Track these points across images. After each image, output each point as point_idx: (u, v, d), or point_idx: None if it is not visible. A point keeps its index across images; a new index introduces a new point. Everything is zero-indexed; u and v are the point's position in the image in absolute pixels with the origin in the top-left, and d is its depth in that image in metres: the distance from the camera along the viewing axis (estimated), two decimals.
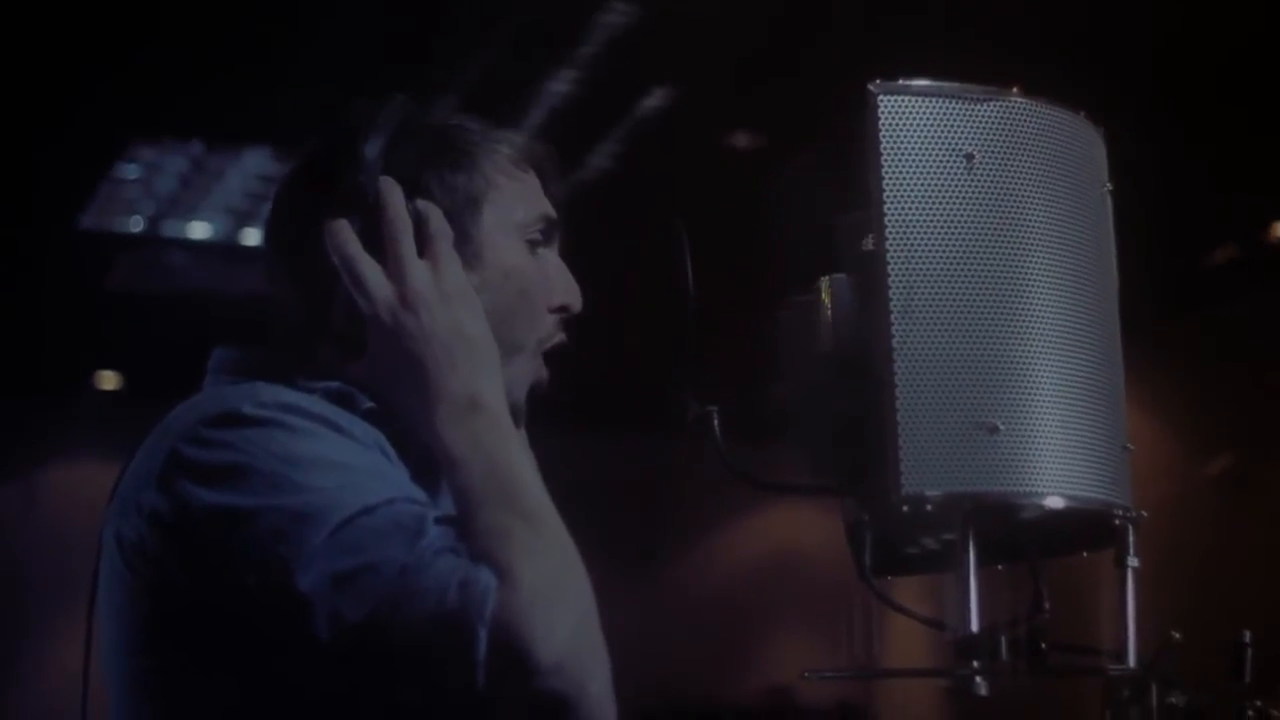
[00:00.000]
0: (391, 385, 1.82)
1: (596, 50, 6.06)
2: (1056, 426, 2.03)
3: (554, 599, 1.63)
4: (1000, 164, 2.07)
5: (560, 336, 2.03)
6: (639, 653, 10.93)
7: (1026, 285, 2.05)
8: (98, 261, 8.20)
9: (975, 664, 2.03)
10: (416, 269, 1.84)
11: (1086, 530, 2.15)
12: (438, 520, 1.67)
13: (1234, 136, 6.76)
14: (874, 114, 2.06)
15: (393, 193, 1.87)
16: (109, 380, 10.89)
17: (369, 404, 1.84)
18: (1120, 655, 2.09)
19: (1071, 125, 2.16)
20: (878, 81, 2.08)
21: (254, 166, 7.30)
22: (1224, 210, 7.66)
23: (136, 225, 7.95)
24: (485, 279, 1.92)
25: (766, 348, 2.23)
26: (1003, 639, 2.06)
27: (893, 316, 2.02)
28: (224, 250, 7.99)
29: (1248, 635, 2.10)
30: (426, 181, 1.91)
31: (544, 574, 1.64)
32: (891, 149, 2.06)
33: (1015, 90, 2.12)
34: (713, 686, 11.42)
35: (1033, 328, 2.04)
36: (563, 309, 2.03)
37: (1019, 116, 2.10)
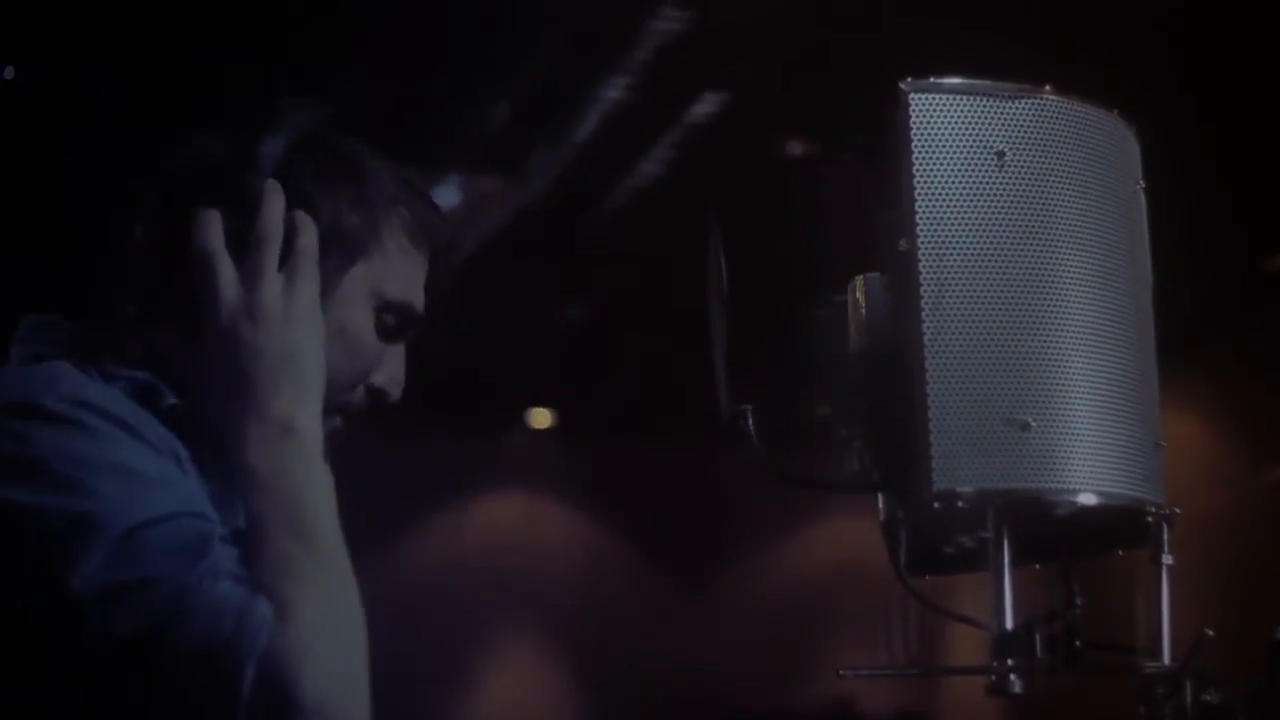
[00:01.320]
0: (211, 389, 1.78)
1: (648, 56, 6.08)
2: (1088, 423, 2.03)
3: (328, 639, 1.61)
4: (1032, 161, 2.07)
5: (363, 405, 1.97)
6: (702, 662, 10.89)
7: (1058, 282, 2.05)
8: None
9: (1010, 662, 2.03)
10: (270, 281, 1.79)
11: (1121, 528, 2.14)
12: (223, 539, 1.65)
13: None
14: (905, 112, 2.07)
15: (274, 198, 1.82)
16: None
17: (172, 401, 1.80)
18: (1155, 653, 2.09)
19: (1104, 122, 2.15)
20: (909, 80, 2.08)
21: None
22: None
23: None
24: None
25: (803, 348, 2.24)
26: (1038, 637, 2.05)
27: (924, 313, 2.02)
28: None
29: None
30: (318, 201, 1.86)
31: (322, 613, 1.62)
32: (923, 147, 2.06)
33: (1047, 88, 2.12)
34: (775, 696, 11.40)
35: (1064, 324, 2.04)
36: (379, 392, 1.97)
37: (1051, 114, 2.10)
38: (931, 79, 2.09)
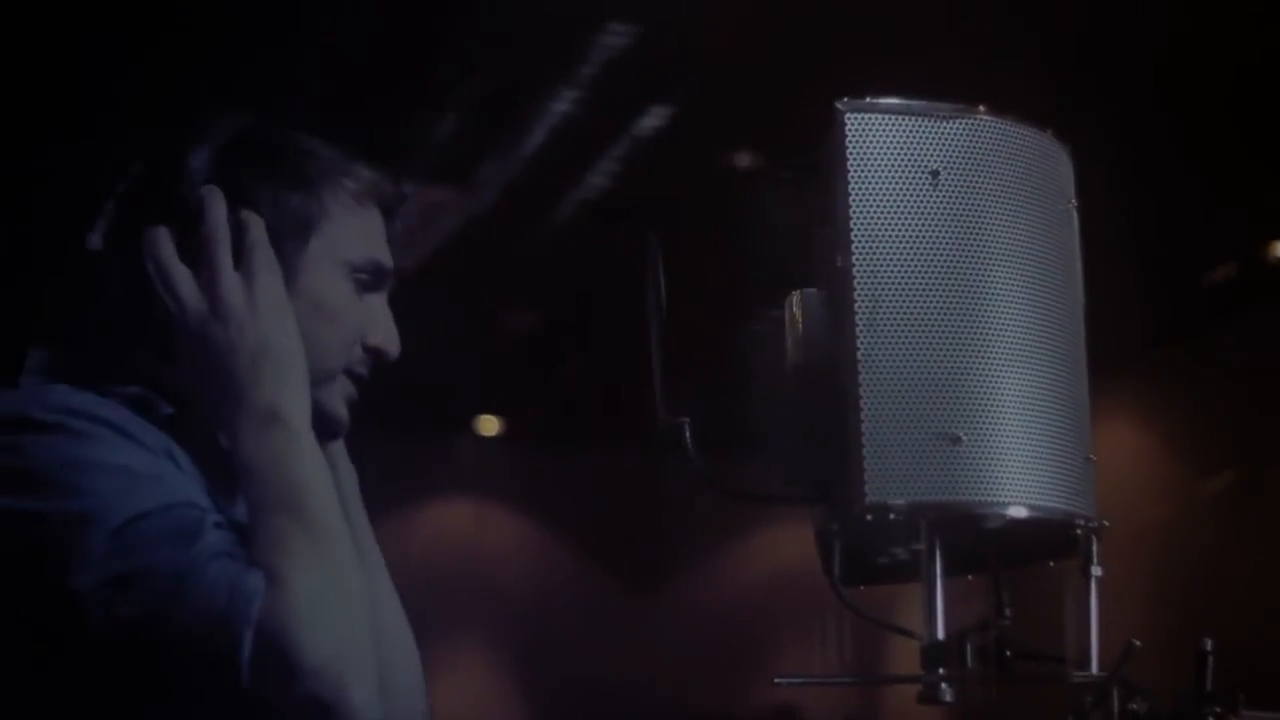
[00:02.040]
0: (199, 392, 1.86)
1: (595, 71, 6.10)
2: (1019, 437, 2.06)
3: (322, 605, 1.68)
4: (966, 180, 2.10)
5: (365, 368, 2.04)
6: (648, 667, 10.87)
7: (990, 299, 2.08)
8: None
9: (942, 671, 2.07)
10: (228, 280, 1.86)
11: (1051, 540, 2.17)
12: (218, 525, 1.72)
13: (1232, 153, 6.77)
14: (841, 131, 2.10)
15: (214, 203, 1.89)
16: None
17: (168, 411, 1.88)
18: (1084, 662, 2.12)
19: (1038, 142, 2.18)
20: (845, 99, 2.11)
21: None
22: (1223, 229, 7.66)
23: None
24: (294, 307, 1.91)
25: (740, 361, 2.26)
26: (969, 646, 2.08)
27: (859, 329, 2.05)
28: None
29: (1209, 643, 2.12)
30: (257, 195, 1.92)
31: (314, 580, 1.69)
32: (859, 166, 2.09)
33: (981, 108, 2.14)
34: (720, 702, 11.42)
35: (996, 341, 2.07)
36: (376, 351, 2.04)
37: (985, 134, 2.13)
38: (868, 99, 2.11)
